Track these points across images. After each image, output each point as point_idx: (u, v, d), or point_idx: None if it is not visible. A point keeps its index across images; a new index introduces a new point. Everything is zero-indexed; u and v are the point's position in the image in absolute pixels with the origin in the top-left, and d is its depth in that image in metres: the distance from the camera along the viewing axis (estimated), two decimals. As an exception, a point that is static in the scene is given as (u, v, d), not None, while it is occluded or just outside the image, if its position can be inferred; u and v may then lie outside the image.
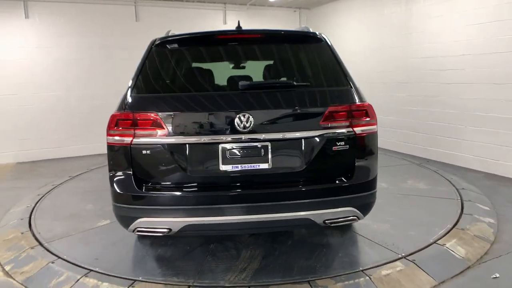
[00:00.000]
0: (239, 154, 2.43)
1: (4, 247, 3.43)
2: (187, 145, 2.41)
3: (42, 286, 2.78)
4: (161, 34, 2.99)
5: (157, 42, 2.72)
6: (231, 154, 2.42)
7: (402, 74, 6.72)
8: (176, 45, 2.74)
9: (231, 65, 3.00)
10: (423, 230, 3.43)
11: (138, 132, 2.40)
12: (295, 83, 2.62)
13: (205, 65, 2.86)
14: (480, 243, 3.24)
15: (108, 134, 2.47)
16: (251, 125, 2.38)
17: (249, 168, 2.43)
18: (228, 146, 2.42)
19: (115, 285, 2.69)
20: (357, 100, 2.53)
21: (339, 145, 2.48)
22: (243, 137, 2.40)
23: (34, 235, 3.58)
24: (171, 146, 2.42)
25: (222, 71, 2.92)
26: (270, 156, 2.43)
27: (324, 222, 2.48)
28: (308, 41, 2.87)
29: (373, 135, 2.59)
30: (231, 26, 8.38)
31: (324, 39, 2.82)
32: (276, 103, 2.48)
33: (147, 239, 3.37)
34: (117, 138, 2.44)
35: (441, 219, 3.65)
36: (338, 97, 2.56)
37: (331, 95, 2.58)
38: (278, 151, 2.46)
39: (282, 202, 2.39)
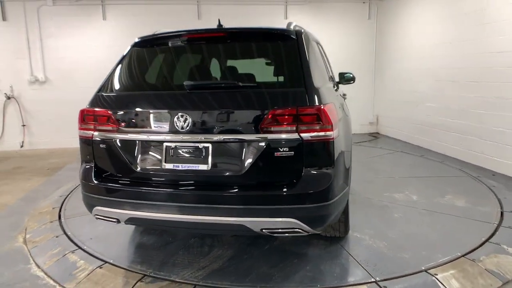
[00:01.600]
0: (180, 153, 2.45)
1: (36, 218, 4.03)
2: (133, 142, 2.53)
3: (39, 255, 3.20)
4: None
5: (132, 43, 2.88)
6: (173, 153, 2.46)
7: (473, 72, 5.80)
8: (143, 46, 2.87)
9: (195, 64, 2.98)
10: (422, 255, 2.99)
11: (97, 127, 2.60)
12: (240, 83, 2.51)
13: (167, 65, 2.91)
14: (488, 280, 2.69)
15: (78, 128, 2.72)
16: (189, 125, 2.37)
17: (189, 169, 2.43)
18: (171, 145, 2.46)
19: (88, 264, 2.98)
20: (307, 103, 2.31)
21: (283, 151, 2.30)
22: (182, 137, 2.41)
23: (59, 212, 4.12)
24: (121, 141, 2.56)
25: (184, 71, 2.94)
26: (210, 158, 2.40)
27: (261, 230, 2.35)
28: (276, 39, 2.70)
29: (326, 143, 2.34)
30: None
31: (294, 36, 2.62)
32: (217, 104, 2.42)
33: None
34: (83, 131, 2.68)
35: (454, 245, 3.13)
36: (285, 99, 2.37)
37: (276, 97, 2.40)
38: (218, 154, 2.41)
39: (218, 205, 2.34)
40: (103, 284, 2.72)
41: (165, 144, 2.46)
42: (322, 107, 2.32)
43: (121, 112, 2.55)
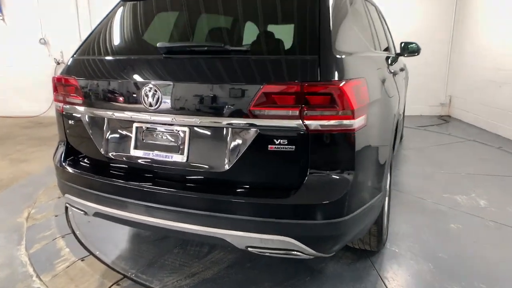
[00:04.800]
0: (152, 138, 1.91)
1: (49, 191, 3.85)
2: (101, 119, 2.04)
3: (32, 236, 2.96)
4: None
5: None
6: (144, 138, 1.93)
7: None
8: (129, 1, 2.30)
9: (182, 22, 2.32)
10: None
11: (66, 98, 2.16)
12: (228, 47, 1.85)
13: (149, 24, 2.28)
14: None
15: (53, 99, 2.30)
16: (160, 102, 1.80)
17: (160, 158, 1.88)
18: (141, 126, 1.93)
19: (71, 254, 2.66)
20: (318, 77, 1.61)
21: (279, 143, 1.65)
22: (151, 117, 1.85)
23: (71, 186, 3.89)
24: (87, 118, 2.10)
25: (168, 30, 2.32)
26: (186, 146, 1.82)
27: (246, 248, 1.75)
28: None
29: (344, 135, 1.63)
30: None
31: None
32: (197, 74, 1.80)
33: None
34: (56, 103, 2.26)
35: None
36: (286, 71, 1.68)
37: (275, 67, 1.71)
38: (197, 141, 1.82)
39: (191, 210, 1.77)
40: (77, 281, 2.36)
41: (135, 125, 1.94)
42: (341, 85, 1.61)
43: (88, 81, 2.05)
